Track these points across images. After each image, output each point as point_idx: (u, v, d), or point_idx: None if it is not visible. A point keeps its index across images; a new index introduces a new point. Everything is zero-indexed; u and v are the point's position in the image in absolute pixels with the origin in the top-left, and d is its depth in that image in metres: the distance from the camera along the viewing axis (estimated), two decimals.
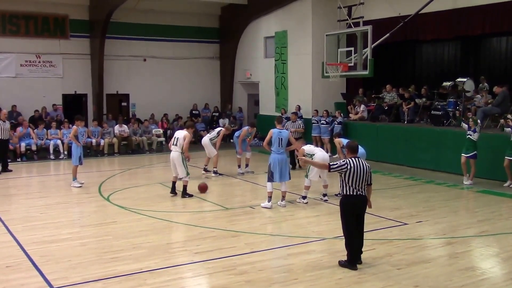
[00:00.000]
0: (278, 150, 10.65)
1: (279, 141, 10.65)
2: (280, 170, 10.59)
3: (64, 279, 6.68)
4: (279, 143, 10.65)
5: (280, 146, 10.66)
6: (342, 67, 15.84)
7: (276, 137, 10.68)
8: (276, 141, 10.67)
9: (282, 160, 10.68)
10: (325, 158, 10.81)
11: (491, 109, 14.60)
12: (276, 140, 10.67)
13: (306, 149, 11.17)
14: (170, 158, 11.71)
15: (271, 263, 7.42)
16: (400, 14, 16.87)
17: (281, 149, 10.71)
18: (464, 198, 12.27)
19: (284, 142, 10.72)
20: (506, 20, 14.97)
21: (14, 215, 10.19)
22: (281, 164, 10.62)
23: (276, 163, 10.58)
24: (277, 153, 10.65)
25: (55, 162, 17.48)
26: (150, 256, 7.63)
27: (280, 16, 21.40)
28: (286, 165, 10.77)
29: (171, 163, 11.72)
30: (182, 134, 11.64)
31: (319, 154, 10.91)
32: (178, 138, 11.60)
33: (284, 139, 10.72)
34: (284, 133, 10.81)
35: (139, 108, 22.76)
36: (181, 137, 11.56)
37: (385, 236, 8.65)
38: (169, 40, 23.27)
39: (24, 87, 20.52)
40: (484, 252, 7.97)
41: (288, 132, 11.19)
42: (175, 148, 11.60)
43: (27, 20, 20.59)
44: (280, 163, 10.60)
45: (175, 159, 11.56)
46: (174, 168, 11.70)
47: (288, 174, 10.74)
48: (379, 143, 16.84)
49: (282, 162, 10.66)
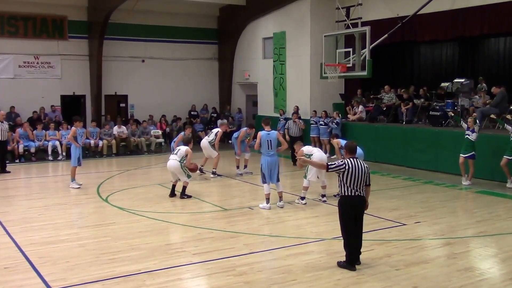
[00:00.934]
0: (268, 152, 10.64)
1: (268, 143, 10.63)
2: (270, 172, 10.59)
3: (62, 281, 6.67)
4: (268, 145, 10.63)
5: (269, 148, 10.64)
6: (341, 68, 15.85)
7: (264, 139, 10.65)
8: (264, 143, 10.64)
9: (272, 162, 10.64)
10: (323, 158, 10.81)
11: (489, 109, 14.61)
12: (264, 142, 10.64)
13: (305, 150, 11.18)
14: (168, 165, 11.74)
15: (270, 264, 7.42)
16: (398, 15, 16.89)
17: (271, 151, 10.67)
18: (462, 198, 12.28)
19: (273, 144, 10.69)
20: (504, 21, 15.00)
21: (13, 216, 10.18)
22: (271, 167, 10.60)
23: (266, 166, 10.60)
24: (267, 155, 10.64)
25: (54, 163, 17.46)
26: (148, 257, 7.62)
27: (279, 17, 21.41)
28: (276, 167, 10.70)
29: (169, 170, 11.75)
30: (184, 149, 11.70)
31: (317, 155, 10.91)
32: (180, 149, 11.70)
33: (273, 141, 10.69)
34: (272, 135, 10.77)
35: (138, 109, 22.75)
36: (182, 150, 11.64)
37: (384, 236, 8.65)
38: (167, 41, 23.27)
39: (23, 88, 20.50)
40: (483, 253, 7.98)
41: (277, 133, 11.12)
42: (174, 157, 11.66)
43: (26, 21, 20.57)
44: (269, 165, 10.59)
45: (175, 168, 11.58)
46: (173, 175, 11.75)
47: (276, 176, 10.69)
48: (377, 143, 16.86)
49: (272, 165, 10.63)
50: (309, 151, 11.11)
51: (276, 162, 10.73)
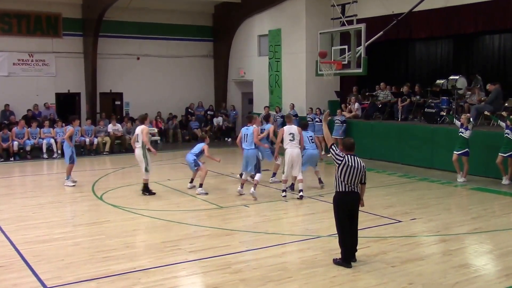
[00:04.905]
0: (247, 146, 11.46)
1: (244, 137, 11.51)
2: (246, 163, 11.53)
3: (57, 279, 6.65)
4: (245, 139, 11.49)
5: (245, 141, 11.50)
6: (336, 65, 15.81)
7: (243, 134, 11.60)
8: (243, 137, 11.55)
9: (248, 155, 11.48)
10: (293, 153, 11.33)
11: (484, 106, 14.64)
12: (243, 137, 11.57)
13: (286, 129, 11.55)
14: (136, 155, 11.82)
15: (266, 261, 7.40)
16: (393, 12, 16.89)
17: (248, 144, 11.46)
18: (457, 195, 12.32)
19: (249, 138, 11.41)
20: (498, 18, 15.04)
21: (7, 214, 10.13)
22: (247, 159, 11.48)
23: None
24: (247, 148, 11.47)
25: (48, 161, 17.39)
26: (143, 255, 7.61)
27: (274, 14, 21.38)
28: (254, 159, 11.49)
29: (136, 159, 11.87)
30: (140, 129, 11.65)
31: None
32: (138, 134, 11.64)
33: (249, 135, 11.43)
34: (250, 130, 11.52)
35: (133, 107, 22.68)
36: (139, 132, 11.59)
37: (379, 233, 8.66)
38: (162, 38, 23.22)
39: (17, 86, 20.41)
40: (478, 249, 8.00)
41: (252, 128, 11.64)
42: (138, 144, 11.65)
43: (20, 19, 20.48)
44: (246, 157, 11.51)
45: (138, 155, 11.64)
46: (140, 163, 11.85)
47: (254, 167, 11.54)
48: (373, 141, 16.89)
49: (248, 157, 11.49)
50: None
51: (251, 154, 11.42)
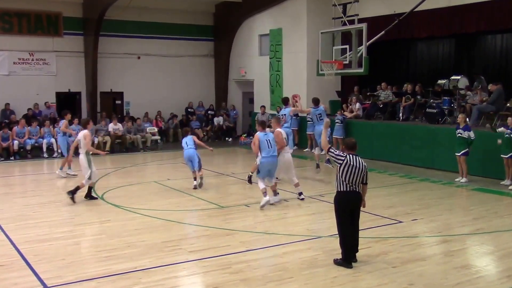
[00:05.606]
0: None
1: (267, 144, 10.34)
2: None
3: (58, 278, 6.63)
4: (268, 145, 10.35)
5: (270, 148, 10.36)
6: (337, 65, 15.80)
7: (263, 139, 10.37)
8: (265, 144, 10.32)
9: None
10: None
11: (486, 107, 14.62)
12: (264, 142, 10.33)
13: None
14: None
15: (266, 262, 7.39)
16: (395, 11, 16.86)
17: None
18: (459, 196, 12.29)
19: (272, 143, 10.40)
20: (500, 18, 15.00)
21: (7, 213, 10.12)
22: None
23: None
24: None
25: (49, 161, 17.38)
26: (144, 254, 7.59)
27: (275, 14, 21.35)
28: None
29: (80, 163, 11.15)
30: (82, 134, 11.05)
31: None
32: (80, 140, 11.01)
33: (272, 140, 10.42)
34: (270, 135, 10.52)
35: (134, 106, 22.68)
36: (81, 138, 10.99)
37: (380, 234, 8.64)
38: (163, 38, 23.18)
39: (17, 85, 20.40)
40: (479, 250, 7.98)
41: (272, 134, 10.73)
42: (81, 150, 11.00)
43: (20, 18, 20.46)
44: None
45: (82, 162, 10.97)
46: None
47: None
48: (374, 141, 16.86)
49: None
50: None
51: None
